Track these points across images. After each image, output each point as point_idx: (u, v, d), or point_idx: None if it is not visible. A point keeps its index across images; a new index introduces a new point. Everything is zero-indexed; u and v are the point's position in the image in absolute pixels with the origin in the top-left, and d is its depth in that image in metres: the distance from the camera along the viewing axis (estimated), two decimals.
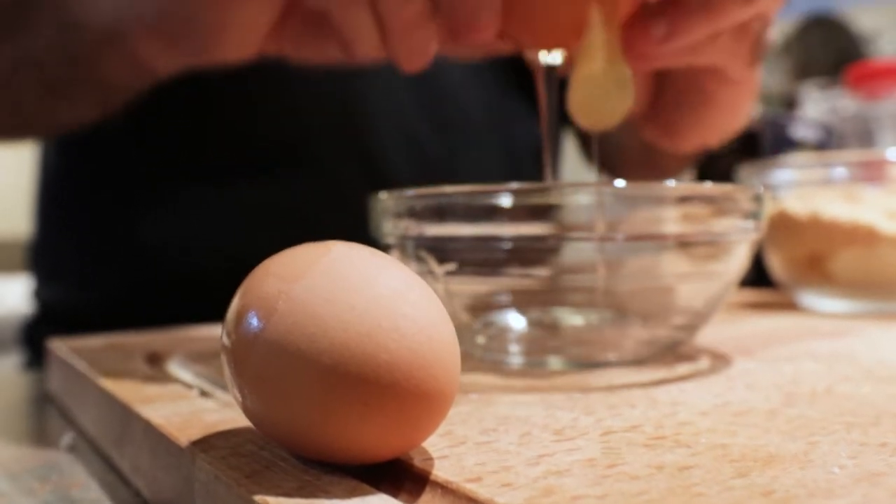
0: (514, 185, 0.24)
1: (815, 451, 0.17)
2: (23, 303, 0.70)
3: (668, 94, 0.35)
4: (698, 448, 0.17)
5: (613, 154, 0.58)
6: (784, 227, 0.44)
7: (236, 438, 0.18)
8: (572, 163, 0.69)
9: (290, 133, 0.50)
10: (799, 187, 0.44)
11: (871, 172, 0.43)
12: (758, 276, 0.52)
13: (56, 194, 0.56)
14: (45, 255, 0.57)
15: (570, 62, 0.28)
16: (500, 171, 0.56)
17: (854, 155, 0.47)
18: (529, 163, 0.59)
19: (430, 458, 0.17)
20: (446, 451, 0.17)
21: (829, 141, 0.61)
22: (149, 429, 0.21)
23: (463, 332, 0.27)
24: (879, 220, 0.41)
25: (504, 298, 0.27)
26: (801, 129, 0.59)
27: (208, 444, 0.18)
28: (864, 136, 0.61)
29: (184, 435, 0.19)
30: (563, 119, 0.29)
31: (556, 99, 0.28)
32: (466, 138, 0.55)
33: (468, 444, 0.18)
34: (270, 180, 0.50)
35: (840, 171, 0.43)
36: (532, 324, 0.28)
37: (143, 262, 0.51)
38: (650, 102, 0.35)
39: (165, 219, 0.51)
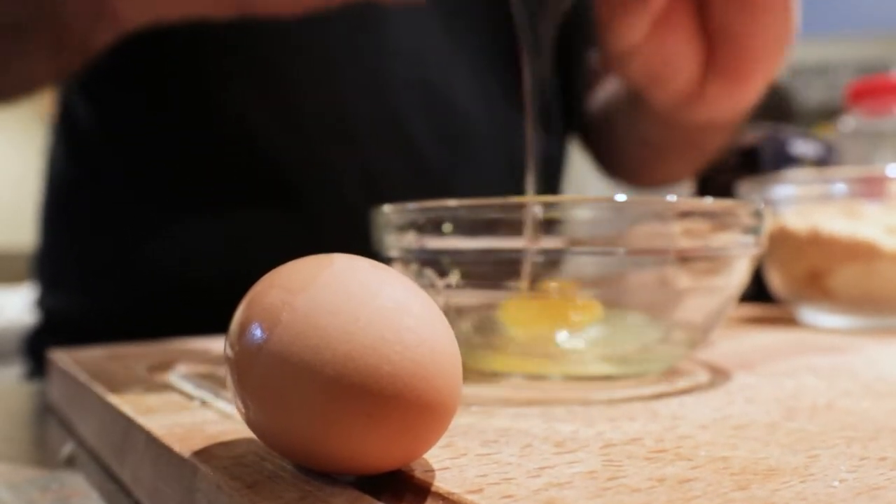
0: (516, 198, 0.24)
1: (815, 464, 0.17)
2: (25, 314, 0.70)
3: (716, 19, 0.34)
4: (699, 461, 0.17)
5: (630, 156, 0.59)
6: (784, 242, 0.44)
7: (238, 449, 0.19)
8: (583, 172, 0.70)
9: (292, 148, 0.51)
10: (799, 203, 0.45)
11: (871, 188, 0.43)
12: (758, 291, 0.52)
13: (61, 205, 0.56)
14: (48, 264, 0.57)
15: None
16: (501, 186, 0.56)
17: (854, 171, 0.47)
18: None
19: (432, 470, 0.17)
20: (447, 463, 0.17)
21: (828, 158, 0.61)
22: (150, 439, 0.21)
23: (464, 345, 0.27)
24: (879, 236, 0.41)
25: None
26: (801, 146, 0.59)
27: (210, 454, 0.18)
28: (866, 152, 0.61)
29: (185, 446, 0.19)
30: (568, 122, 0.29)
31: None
32: (471, 153, 0.55)
33: (469, 456, 0.18)
34: (273, 197, 0.51)
35: (840, 187, 0.44)
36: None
37: (146, 274, 0.51)
38: (704, 59, 0.35)
39: (168, 231, 0.51)
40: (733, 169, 0.58)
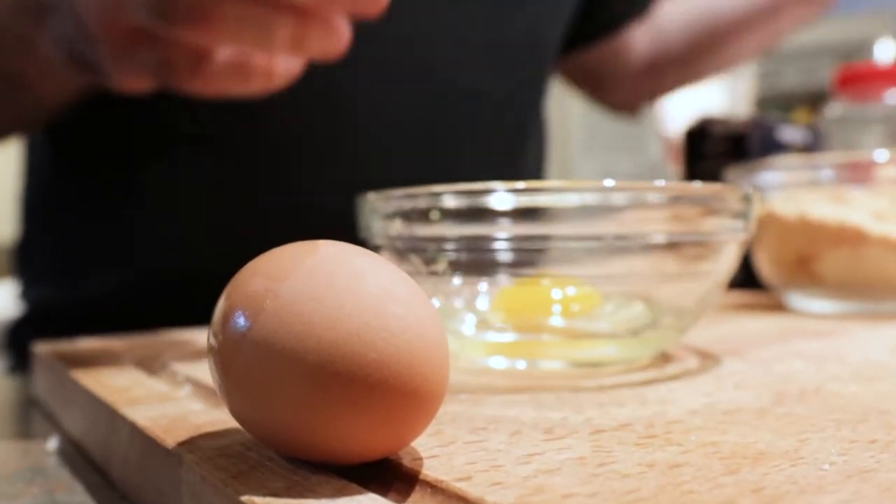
0: (504, 185, 0.24)
1: (804, 448, 0.17)
2: (8, 307, 0.69)
3: None
4: (688, 446, 0.17)
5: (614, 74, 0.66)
6: (772, 228, 0.44)
7: (224, 440, 0.18)
8: (572, 149, 0.71)
9: (285, 138, 0.50)
10: (786, 189, 0.45)
11: (858, 174, 0.43)
12: (747, 278, 0.52)
13: (43, 196, 0.55)
14: (31, 257, 0.56)
15: None
16: (507, 166, 0.57)
17: (841, 156, 0.47)
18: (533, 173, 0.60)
19: (420, 458, 0.16)
20: (436, 451, 0.17)
21: (815, 144, 0.61)
22: (135, 431, 0.20)
23: (453, 333, 0.27)
24: (866, 222, 0.41)
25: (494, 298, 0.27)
26: (789, 132, 0.59)
27: (195, 445, 0.18)
28: (853, 138, 0.61)
29: (171, 437, 0.19)
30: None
31: None
32: (475, 132, 0.55)
33: (458, 444, 0.17)
34: (263, 185, 0.50)
35: (827, 173, 0.44)
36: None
37: (129, 266, 0.50)
38: None
39: (152, 221, 0.50)
40: (721, 156, 0.58)
